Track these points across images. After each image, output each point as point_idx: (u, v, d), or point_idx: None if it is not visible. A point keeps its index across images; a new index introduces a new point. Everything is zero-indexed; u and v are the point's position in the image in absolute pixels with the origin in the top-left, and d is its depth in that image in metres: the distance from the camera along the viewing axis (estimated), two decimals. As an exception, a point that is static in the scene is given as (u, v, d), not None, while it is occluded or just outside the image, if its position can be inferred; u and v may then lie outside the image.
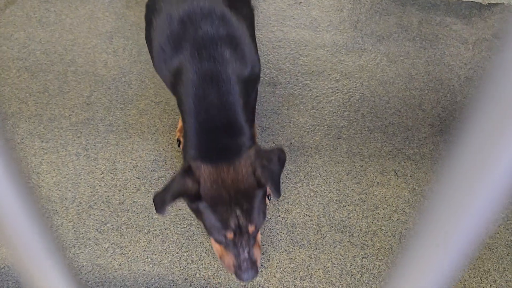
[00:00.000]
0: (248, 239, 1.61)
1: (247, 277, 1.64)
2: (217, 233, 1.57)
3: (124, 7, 2.31)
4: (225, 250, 1.63)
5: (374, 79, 2.13)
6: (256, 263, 1.65)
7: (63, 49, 2.18)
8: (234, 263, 1.64)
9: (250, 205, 1.55)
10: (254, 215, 1.57)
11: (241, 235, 1.59)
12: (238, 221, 1.56)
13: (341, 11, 2.32)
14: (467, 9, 2.35)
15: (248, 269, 1.64)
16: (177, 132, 1.98)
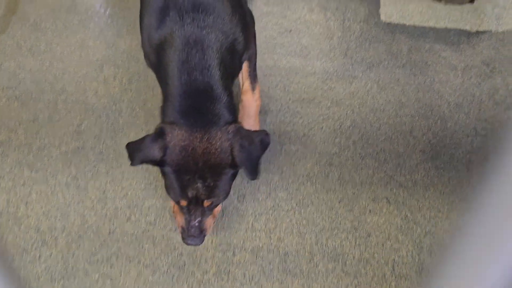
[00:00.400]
0: (202, 210, 1.61)
1: (191, 242, 1.64)
2: (173, 195, 1.59)
3: (115, 36, 2.31)
4: (180, 210, 1.63)
5: (365, 106, 2.13)
6: (204, 232, 1.65)
7: (53, 78, 2.17)
8: (183, 226, 1.63)
9: (214, 182, 1.55)
10: (215, 192, 1.57)
11: (196, 205, 1.59)
12: (196, 193, 1.55)
13: (331, 38, 2.34)
14: (455, 36, 2.37)
15: (194, 236, 1.63)
16: None
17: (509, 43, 2.35)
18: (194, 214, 1.60)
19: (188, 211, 1.60)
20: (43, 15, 2.38)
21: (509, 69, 2.26)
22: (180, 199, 1.57)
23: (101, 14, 2.39)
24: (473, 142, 2.04)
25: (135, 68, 2.21)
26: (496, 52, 2.31)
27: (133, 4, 2.43)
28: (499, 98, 2.17)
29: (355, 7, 2.46)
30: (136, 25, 2.34)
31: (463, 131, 2.07)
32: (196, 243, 1.64)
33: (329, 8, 2.45)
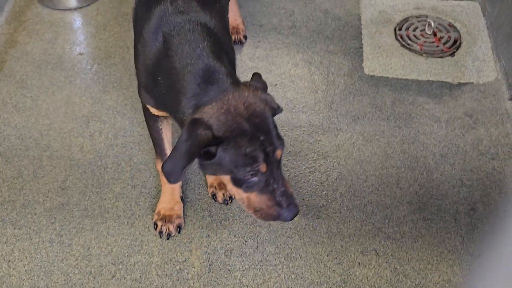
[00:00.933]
0: (277, 169, 1.49)
1: (290, 214, 1.49)
2: (247, 170, 1.43)
3: (101, 92, 2.32)
4: (257, 193, 1.48)
5: (351, 158, 2.14)
6: (293, 197, 1.52)
7: (38, 134, 2.17)
8: (271, 203, 1.48)
9: (268, 128, 1.46)
10: (277, 137, 1.48)
11: (271, 164, 1.46)
12: (264, 148, 1.44)
13: (316, 92, 2.37)
14: (438, 88, 2.41)
15: (290, 205, 1.49)
16: (154, 215, 1.95)
17: (490, 94, 2.39)
18: (275, 179, 1.47)
19: (267, 181, 1.46)
20: (29, 72, 2.39)
21: (491, 120, 2.29)
22: (257, 165, 1.43)
23: (88, 70, 2.41)
24: (460, 193, 2.04)
25: (121, 123, 2.21)
26: (478, 103, 2.35)
27: (119, 60, 2.45)
28: (483, 149, 2.19)
29: (338, 61, 2.50)
30: (122, 81, 2.36)
31: (449, 182, 2.07)
32: (296, 213, 1.50)
33: (313, 62, 2.49)
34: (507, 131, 2.25)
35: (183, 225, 1.94)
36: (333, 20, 2.71)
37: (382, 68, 2.49)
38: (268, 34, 2.61)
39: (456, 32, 2.67)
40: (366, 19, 2.72)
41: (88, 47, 2.51)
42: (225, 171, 1.46)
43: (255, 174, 1.44)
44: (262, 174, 1.45)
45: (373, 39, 2.62)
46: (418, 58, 2.54)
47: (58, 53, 2.47)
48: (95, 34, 2.58)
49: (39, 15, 2.66)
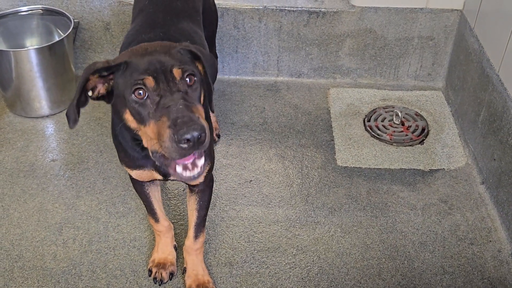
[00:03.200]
0: (178, 90, 1.34)
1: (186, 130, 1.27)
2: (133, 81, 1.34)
3: (74, 197, 2.29)
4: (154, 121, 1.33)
5: (330, 251, 2.11)
6: (199, 120, 1.31)
7: (10, 245, 2.10)
8: (168, 123, 1.30)
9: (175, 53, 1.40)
10: (179, 59, 1.38)
11: (167, 84, 1.33)
12: (159, 65, 1.34)
13: (291, 186, 2.37)
14: (410, 176, 2.44)
15: (186, 121, 1.28)
16: (149, 263, 2.00)
17: (462, 179, 2.42)
18: (171, 95, 1.32)
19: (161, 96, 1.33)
20: (0, 182, 2.36)
21: (466, 205, 2.31)
22: (142, 76, 1.33)
23: (60, 176, 2.38)
24: (443, 281, 2.02)
25: (95, 228, 2.17)
26: (452, 189, 2.38)
27: (92, 165, 2.44)
28: (461, 234, 2.19)
29: (311, 154, 2.53)
30: (96, 185, 2.34)
31: (431, 270, 2.05)
32: (194, 129, 1.28)
33: (287, 156, 2.52)
34: (483, 215, 2.27)
35: (176, 272, 2.01)
36: (303, 114, 2.77)
37: (355, 159, 2.52)
38: (241, 131, 2.65)
39: (423, 121, 2.74)
40: (335, 112, 2.79)
41: (61, 153, 2.50)
42: (121, 100, 1.40)
43: (144, 91, 1.34)
44: (153, 91, 1.34)
45: (343, 131, 2.67)
46: (388, 147, 2.59)
47: (30, 160, 2.46)
48: (68, 140, 2.58)
49: (11, 123, 2.67)
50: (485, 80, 2.44)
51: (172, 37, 1.81)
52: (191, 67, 1.41)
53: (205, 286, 1.92)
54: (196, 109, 1.36)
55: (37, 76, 2.60)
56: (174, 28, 1.88)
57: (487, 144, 2.38)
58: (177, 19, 1.94)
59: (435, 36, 2.89)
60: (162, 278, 1.97)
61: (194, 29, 1.99)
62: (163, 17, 1.93)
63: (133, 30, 1.92)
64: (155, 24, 1.89)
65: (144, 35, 1.80)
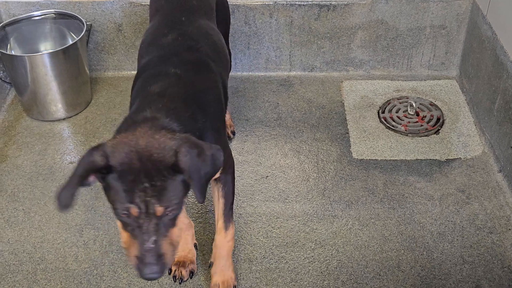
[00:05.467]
0: (156, 225, 1.41)
1: (149, 271, 1.41)
2: (120, 206, 1.40)
3: (93, 199, 2.32)
4: (131, 237, 1.43)
5: (349, 244, 2.12)
6: (163, 258, 1.43)
7: (32, 247, 2.14)
8: (137, 253, 1.42)
9: (162, 182, 1.39)
10: (165, 195, 1.40)
11: (148, 216, 1.40)
12: (145, 196, 1.38)
13: (307, 180, 2.38)
14: (427, 166, 2.44)
15: (151, 263, 1.41)
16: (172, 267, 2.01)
17: (479, 168, 2.41)
18: (147, 232, 1.41)
19: (140, 227, 1.41)
20: (20, 185, 2.39)
21: (484, 194, 2.30)
22: (128, 206, 1.39)
23: (79, 178, 2.41)
24: (463, 271, 2.01)
25: (115, 229, 2.19)
26: (469, 178, 2.37)
27: (110, 166, 2.46)
28: (480, 223, 2.18)
29: (326, 148, 2.54)
30: (114, 186, 2.36)
31: (450, 260, 2.05)
32: (155, 273, 1.42)
33: (302, 151, 2.52)
34: (501, 203, 2.26)
35: (196, 270, 2.01)
36: (317, 108, 2.77)
37: (370, 151, 2.52)
38: (255, 127, 2.66)
39: (438, 110, 2.73)
40: (349, 105, 2.79)
41: (79, 155, 2.53)
42: (110, 201, 1.46)
43: (127, 215, 1.41)
44: (135, 219, 1.41)
45: (358, 123, 2.67)
46: (404, 138, 2.58)
47: (49, 164, 2.49)
48: (85, 142, 2.61)
49: (28, 127, 2.70)
50: (500, 68, 2.42)
51: (190, 36, 1.87)
52: (174, 201, 1.43)
53: (228, 283, 1.93)
54: (166, 240, 1.45)
55: (52, 79, 2.63)
56: (192, 27, 1.93)
57: (504, 131, 2.37)
58: (193, 17, 1.99)
59: (448, 24, 2.87)
60: (182, 276, 1.98)
61: (210, 26, 2.03)
62: (180, 16, 1.97)
63: (151, 29, 1.99)
64: (173, 23, 1.94)
65: (163, 38, 1.87)
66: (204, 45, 1.90)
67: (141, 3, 2.83)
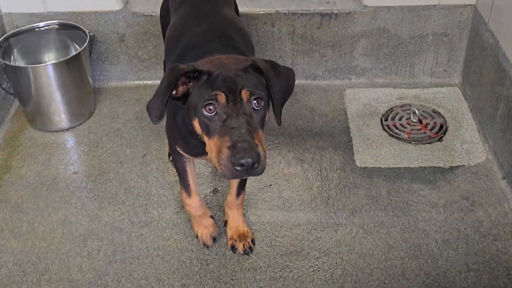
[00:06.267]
0: (244, 112, 1.44)
1: (242, 155, 1.38)
2: (207, 97, 1.45)
3: (97, 209, 2.32)
4: (219, 137, 1.44)
5: (353, 253, 2.11)
6: (257, 148, 1.42)
7: (36, 258, 2.14)
8: (228, 144, 1.41)
9: (245, 74, 1.49)
10: (250, 81, 1.47)
11: (235, 103, 1.44)
12: (231, 83, 1.44)
13: (311, 189, 2.38)
14: (431, 174, 2.43)
15: (244, 147, 1.40)
16: (194, 231, 2.16)
17: (483, 175, 2.41)
18: (237, 117, 1.43)
19: (229, 115, 1.44)
20: (24, 196, 2.39)
21: (488, 201, 2.29)
22: (216, 91, 1.44)
23: (83, 188, 2.42)
24: (468, 278, 2.01)
25: (119, 238, 2.19)
26: (473, 185, 2.36)
27: (114, 176, 2.47)
28: (484, 230, 2.17)
29: (330, 156, 2.54)
30: (118, 196, 2.36)
31: (455, 268, 2.04)
32: (250, 157, 1.39)
33: (305, 160, 2.52)
34: (505, 210, 2.25)
35: (217, 237, 2.16)
36: (320, 117, 2.77)
37: (374, 159, 2.52)
38: (258, 136, 2.66)
39: (441, 118, 2.73)
40: (352, 113, 2.79)
41: (82, 166, 2.54)
42: (194, 110, 1.51)
43: (214, 107, 1.46)
44: (223, 108, 1.46)
45: (361, 131, 2.67)
46: (407, 146, 2.58)
47: (53, 174, 2.50)
48: (88, 152, 2.61)
49: (32, 138, 2.71)
50: (502, 74, 2.42)
51: (220, 26, 1.96)
52: (259, 90, 1.50)
53: (245, 235, 2.12)
54: (257, 135, 1.47)
55: (55, 90, 2.64)
56: (219, 17, 2.02)
57: (507, 138, 2.37)
58: (218, 6, 2.07)
59: (450, 32, 2.88)
60: (209, 244, 2.13)
61: (233, 14, 2.14)
62: (205, 6, 2.05)
63: (179, 21, 2.05)
64: (201, 14, 2.02)
65: (195, 28, 1.94)
66: (234, 33, 1.96)
67: (143, 14, 2.85)
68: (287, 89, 1.59)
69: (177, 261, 2.10)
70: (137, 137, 2.68)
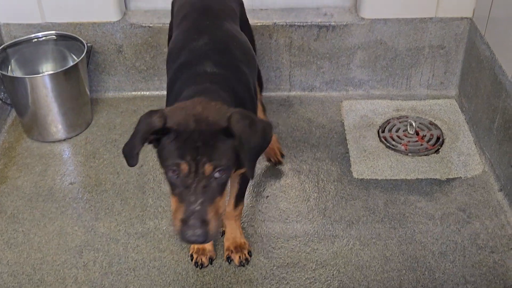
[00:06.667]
0: (204, 187, 1.47)
1: (191, 234, 1.45)
2: (171, 163, 1.48)
3: (93, 220, 2.31)
4: (178, 201, 1.49)
5: (350, 265, 2.11)
6: (207, 224, 1.46)
7: (31, 269, 2.12)
8: (180, 215, 1.46)
9: (214, 143, 1.48)
10: (216, 154, 1.47)
11: (197, 176, 1.47)
12: (196, 154, 1.46)
13: (308, 200, 2.37)
14: (427, 186, 2.43)
15: (195, 226, 1.44)
16: (190, 249, 2.13)
17: (480, 187, 2.41)
18: (195, 193, 1.46)
19: (188, 188, 1.47)
20: (20, 206, 2.39)
21: (485, 213, 2.29)
22: (179, 161, 1.47)
23: (79, 199, 2.41)
24: (465, 291, 2.00)
25: (115, 250, 2.18)
26: (470, 197, 2.36)
27: (110, 187, 2.46)
28: (481, 243, 2.17)
29: (327, 167, 2.54)
30: (114, 207, 2.36)
31: (452, 280, 2.04)
32: (198, 237, 1.45)
33: (302, 171, 2.52)
34: (502, 222, 2.25)
35: (215, 257, 2.14)
36: (317, 128, 2.77)
37: (371, 170, 2.52)
38: (255, 147, 2.66)
39: (438, 130, 2.73)
40: (349, 124, 2.79)
41: (79, 176, 2.53)
42: (162, 161, 1.54)
43: (177, 172, 1.49)
44: (184, 177, 1.49)
45: (358, 143, 2.67)
46: (404, 158, 2.59)
47: (49, 184, 2.49)
48: (85, 163, 2.61)
49: (28, 149, 2.70)
50: (498, 87, 2.43)
51: (220, 40, 1.97)
52: (225, 161, 1.50)
53: (242, 247, 2.11)
54: (212, 207, 1.49)
55: (53, 101, 2.64)
56: (220, 32, 2.02)
57: (504, 150, 2.37)
58: (219, 21, 2.08)
59: (446, 44, 2.89)
60: (203, 263, 2.10)
61: (236, 29, 2.13)
62: (206, 21, 2.06)
63: (180, 36, 2.06)
64: (201, 29, 2.03)
65: (194, 42, 1.95)
66: (234, 48, 1.97)
67: (141, 25, 2.86)
68: (262, 144, 1.58)
69: (173, 272, 2.09)
70: (134, 148, 2.68)
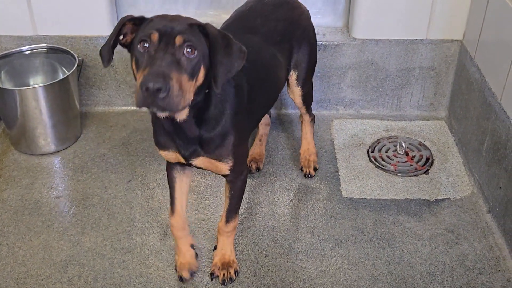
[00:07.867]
0: (172, 54, 1.50)
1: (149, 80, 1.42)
2: (143, 35, 1.53)
3: (79, 234, 2.29)
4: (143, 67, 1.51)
5: (338, 284, 2.09)
6: (169, 79, 1.45)
7: (15, 283, 2.09)
8: (146, 72, 1.46)
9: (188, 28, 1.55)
10: (189, 33, 1.53)
11: (166, 46, 1.50)
12: (170, 28, 1.52)
13: (296, 218, 2.36)
14: (416, 206, 2.43)
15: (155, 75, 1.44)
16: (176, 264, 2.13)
17: (468, 209, 2.41)
18: (162, 57, 1.48)
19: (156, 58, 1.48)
20: (5, 220, 2.35)
21: (474, 234, 2.29)
22: (151, 30, 1.52)
23: (65, 213, 2.38)
24: (453, 312, 1.99)
25: (101, 265, 2.16)
26: (458, 218, 2.36)
27: (97, 201, 2.44)
28: (469, 264, 2.16)
29: (316, 186, 2.53)
30: (101, 221, 2.33)
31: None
32: (157, 83, 1.42)
33: (291, 189, 2.51)
34: (490, 244, 2.25)
35: (197, 270, 2.12)
36: (307, 146, 2.77)
37: (360, 190, 2.51)
38: (245, 164, 2.65)
39: (427, 151, 2.74)
40: (339, 143, 2.80)
41: (66, 190, 2.51)
42: (133, 50, 1.58)
43: (147, 42, 1.52)
44: (153, 46, 1.51)
45: (347, 162, 2.67)
46: (393, 178, 2.59)
47: (35, 198, 2.46)
48: (72, 177, 2.58)
49: (15, 161, 2.68)
50: (488, 109, 2.44)
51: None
52: (196, 42, 1.55)
53: (229, 265, 2.10)
54: (178, 75, 1.49)
55: (42, 113, 2.62)
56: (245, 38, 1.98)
57: (492, 172, 2.38)
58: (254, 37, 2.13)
59: (436, 66, 2.91)
60: (185, 278, 2.08)
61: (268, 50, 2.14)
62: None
63: None
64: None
65: None
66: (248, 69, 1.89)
67: (133, 40, 2.85)
68: (232, 62, 1.59)
69: (159, 289, 2.07)
70: (122, 162, 2.66)
